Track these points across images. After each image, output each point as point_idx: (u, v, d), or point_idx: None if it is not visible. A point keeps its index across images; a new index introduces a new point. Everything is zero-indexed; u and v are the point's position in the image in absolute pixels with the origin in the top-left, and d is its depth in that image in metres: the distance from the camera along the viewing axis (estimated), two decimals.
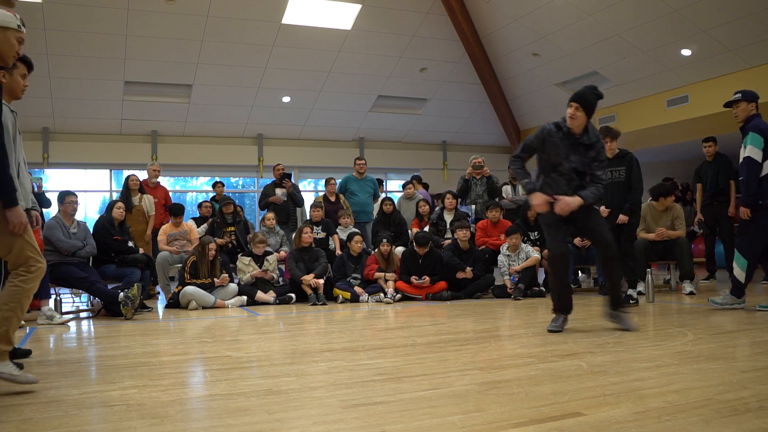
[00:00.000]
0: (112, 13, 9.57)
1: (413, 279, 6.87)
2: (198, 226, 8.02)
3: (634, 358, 3.16)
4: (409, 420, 2.13)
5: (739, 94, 5.07)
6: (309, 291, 6.70)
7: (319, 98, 12.19)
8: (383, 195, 10.38)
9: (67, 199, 5.94)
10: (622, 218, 5.54)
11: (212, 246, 6.58)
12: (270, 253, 7.15)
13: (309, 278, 6.73)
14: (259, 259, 6.97)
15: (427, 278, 6.89)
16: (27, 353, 3.59)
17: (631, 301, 5.45)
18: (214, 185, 9.61)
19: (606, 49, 10.40)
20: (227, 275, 6.65)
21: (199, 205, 8.75)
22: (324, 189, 8.94)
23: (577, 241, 7.23)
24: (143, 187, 7.98)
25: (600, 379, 2.69)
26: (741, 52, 9.14)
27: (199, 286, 6.43)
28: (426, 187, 10.76)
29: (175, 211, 7.65)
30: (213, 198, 9.51)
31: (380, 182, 10.80)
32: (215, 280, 6.52)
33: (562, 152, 4.25)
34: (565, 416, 2.12)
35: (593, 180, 4.26)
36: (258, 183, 12.96)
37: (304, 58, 11.19)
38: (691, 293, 6.55)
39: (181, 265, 7.00)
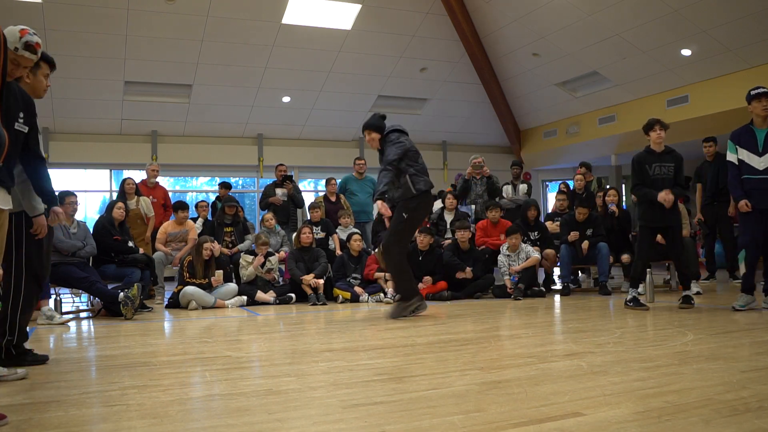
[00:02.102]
0: (112, 13, 9.58)
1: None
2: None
3: (634, 358, 3.16)
4: (409, 420, 2.13)
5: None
6: (309, 291, 6.70)
7: (319, 98, 12.19)
8: None
9: (66, 199, 5.93)
10: (669, 198, 5.37)
11: (207, 246, 6.56)
12: (272, 254, 7.14)
13: (309, 278, 6.73)
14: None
15: (429, 278, 6.90)
16: (44, 359, 3.40)
17: (692, 302, 5.35)
18: (220, 185, 9.58)
19: (606, 49, 10.40)
20: (222, 271, 6.62)
21: (196, 205, 8.73)
22: (324, 189, 8.94)
23: (572, 236, 7.22)
24: (139, 190, 7.93)
25: (600, 379, 2.69)
26: (741, 52, 9.14)
27: (198, 286, 6.42)
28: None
29: (181, 205, 7.61)
30: (217, 198, 9.51)
31: None
32: (212, 279, 6.51)
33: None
34: (565, 416, 2.12)
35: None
36: (258, 183, 12.97)
37: (304, 58, 11.19)
38: (697, 293, 6.54)
39: (176, 267, 7.00)
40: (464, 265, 7.08)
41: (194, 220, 8.33)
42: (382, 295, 6.78)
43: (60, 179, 11.80)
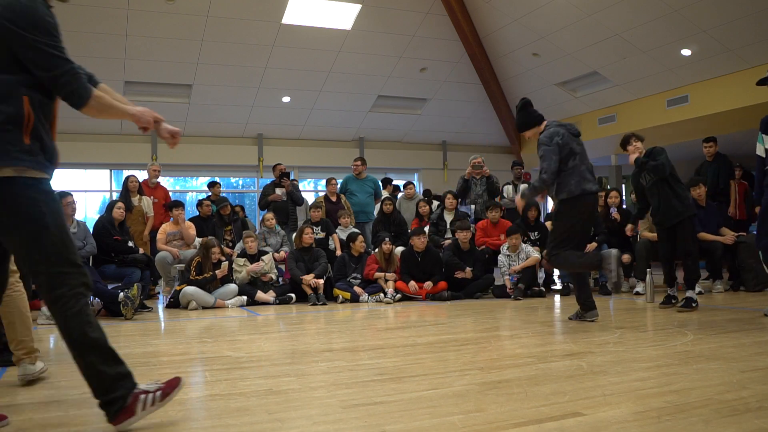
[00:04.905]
0: (112, 13, 9.57)
1: (412, 284, 6.86)
2: (198, 227, 7.97)
3: (634, 358, 3.16)
4: (409, 420, 2.13)
5: None
6: (309, 291, 6.70)
7: (319, 98, 12.19)
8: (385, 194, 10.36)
9: (64, 200, 5.92)
10: (629, 228, 5.49)
11: (216, 250, 6.56)
12: (265, 253, 7.13)
13: (309, 278, 6.73)
14: (254, 259, 6.96)
15: (430, 283, 6.90)
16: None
17: (693, 304, 5.20)
18: (210, 185, 9.53)
19: (606, 49, 10.40)
20: (227, 263, 6.62)
21: (199, 203, 8.68)
22: (324, 189, 8.93)
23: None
24: (142, 188, 7.96)
25: (600, 379, 2.69)
26: (741, 52, 9.14)
27: (201, 280, 6.42)
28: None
29: (174, 204, 7.62)
30: (208, 198, 9.47)
31: (390, 182, 10.74)
32: (217, 272, 6.50)
33: None
34: (565, 416, 2.12)
35: None
36: (258, 183, 12.96)
37: (304, 58, 11.19)
38: (699, 293, 6.53)
39: (182, 265, 6.98)
40: (464, 265, 7.08)
41: (194, 219, 8.30)
42: (381, 295, 6.78)
43: (60, 179, 11.81)
